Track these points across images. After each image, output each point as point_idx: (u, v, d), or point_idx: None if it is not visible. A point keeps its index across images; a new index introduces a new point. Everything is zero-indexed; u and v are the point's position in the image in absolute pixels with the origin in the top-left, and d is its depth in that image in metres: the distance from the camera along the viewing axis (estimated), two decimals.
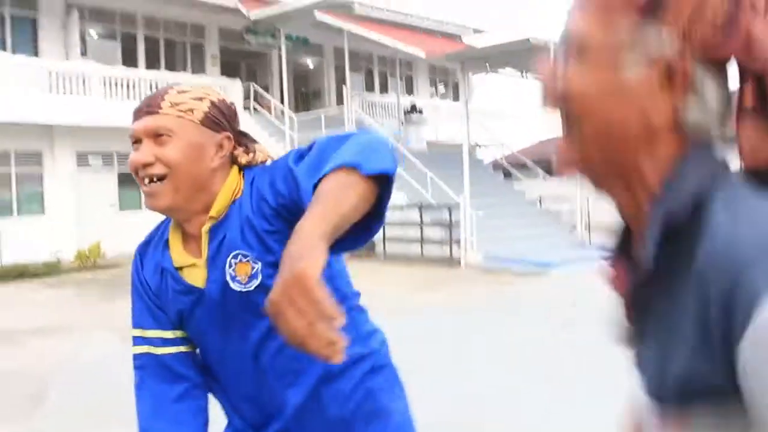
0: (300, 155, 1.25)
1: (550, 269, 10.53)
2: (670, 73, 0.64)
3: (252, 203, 1.31)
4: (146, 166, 1.28)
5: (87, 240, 13.28)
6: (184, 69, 17.77)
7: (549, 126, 0.73)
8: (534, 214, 14.84)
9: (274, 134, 16.32)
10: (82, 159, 15.11)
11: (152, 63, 17.11)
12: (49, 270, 12.42)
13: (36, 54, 15.18)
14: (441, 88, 24.62)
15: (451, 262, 11.76)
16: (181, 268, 1.37)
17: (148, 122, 1.29)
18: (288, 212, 1.24)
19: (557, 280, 9.86)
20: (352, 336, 1.38)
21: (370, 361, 1.43)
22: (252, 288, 1.29)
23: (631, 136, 0.66)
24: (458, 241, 11.86)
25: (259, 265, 1.29)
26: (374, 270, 11.77)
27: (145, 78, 15.40)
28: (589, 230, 14.41)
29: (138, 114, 1.32)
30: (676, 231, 0.63)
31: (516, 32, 11.59)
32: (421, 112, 18.83)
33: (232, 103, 1.43)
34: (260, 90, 18.07)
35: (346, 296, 1.44)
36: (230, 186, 1.33)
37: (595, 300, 8.33)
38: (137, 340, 1.42)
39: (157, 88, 15.11)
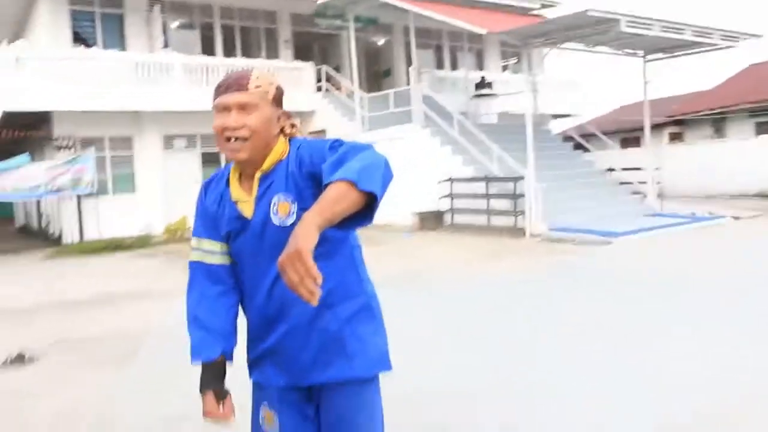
0: (333, 146, 1.71)
1: (614, 239, 10.57)
2: None
3: (297, 163, 1.77)
4: (235, 129, 1.74)
5: (174, 215, 14.30)
6: (259, 54, 18.55)
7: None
8: (603, 185, 14.75)
9: (346, 114, 16.85)
10: (167, 142, 16.22)
11: (229, 50, 17.97)
12: (141, 243, 13.51)
13: (124, 48, 16.34)
14: (513, 60, 24.44)
15: (516, 232, 11.97)
16: (237, 201, 1.83)
17: (239, 97, 1.73)
18: (317, 178, 1.68)
19: (620, 250, 9.90)
20: (353, 276, 1.85)
21: (365, 299, 1.87)
22: (288, 224, 1.73)
23: None
24: (523, 212, 12.05)
25: (295, 206, 1.74)
26: (442, 240, 12.16)
27: (222, 64, 16.24)
28: (661, 199, 14.22)
29: (227, 89, 1.75)
30: None
31: (587, 5, 11.31)
32: (490, 85, 18.89)
33: (282, 88, 1.87)
34: (331, 71, 18.63)
35: (353, 246, 1.89)
36: (279, 149, 1.80)
37: (656, 269, 8.44)
38: (194, 249, 1.91)
39: None
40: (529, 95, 13.16)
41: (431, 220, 13.59)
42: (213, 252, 1.88)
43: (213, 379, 1.84)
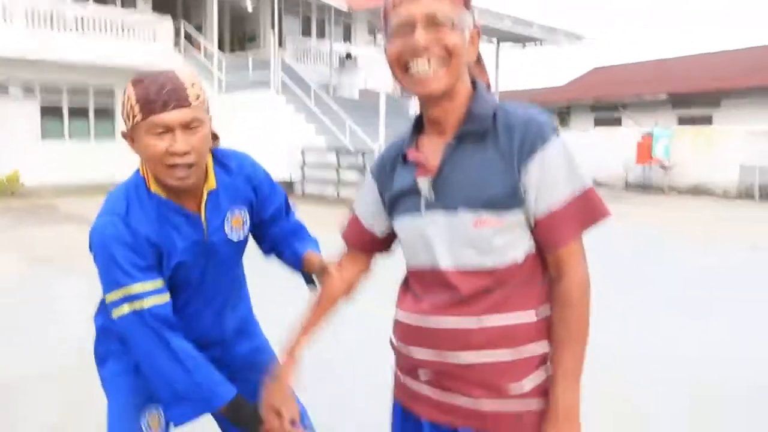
0: (280, 195, 1.80)
1: None
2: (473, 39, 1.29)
3: (246, 179, 1.69)
4: (184, 154, 1.45)
5: (5, 169, 13.30)
6: (114, 1, 17.51)
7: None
8: None
9: (203, 74, 16.34)
10: (2, 88, 14.95)
11: None
12: None
13: None
14: (380, 36, 24.77)
15: None
16: (202, 222, 1.60)
17: (183, 115, 1.43)
18: (256, 207, 1.74)
19: None
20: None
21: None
22: (242, 238, 1.69)
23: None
24: None
25: (247, 216, 1.69)
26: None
27: (71, 10, 15.16)
28: None
29: (165, 105, 1.41)
30: (485, 119, 1.26)
31: None
32: (354, 60, 19.08)
33: None
34: (191, 29, 17.96)
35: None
36: (209, 162, 1.63)
37: None
38: (135, 297, 1.49)
39: (83, 22, 14.96)
40: (387, 72, 13.44)
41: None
42: (161, 291, 1.54)
43: (253, 409, 1.59)
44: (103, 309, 1.72)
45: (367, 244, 1.53)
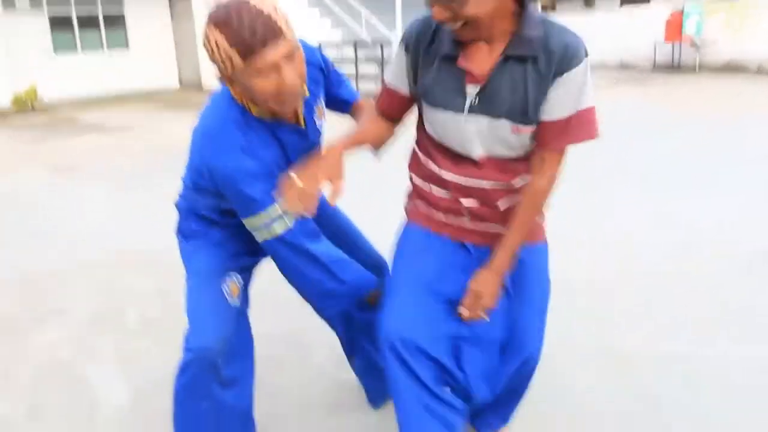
0: (330, 66, 1.88)
1: None
2: None
3: (317, 67, 1.79)
4: (294, 86, 1.47)
5: (22, 84, 13.17)
6: None
7: None
8: None
9: None
10: (7, 2, 14.57)
11: None
12: None
13: None
14: None
15: None
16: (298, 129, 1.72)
17: (282, 48, 1.41)
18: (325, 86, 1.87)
19: None
20: None
21: None
22: (322, 124, 1.83)
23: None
24: None
25: (323, 102, 1.84)
26: None
27: None
28: None
29: (265, 43, 1.38)
30: (534, 43, 1.45)
31: None
32: None
33: None
34: None
35: None
36: None
37: None
38: (279, 217, 1.60)
39: None
40: None
41: None
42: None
43: None
44: (185, 193, 1.85)
45: (398, 107, 1.73)
